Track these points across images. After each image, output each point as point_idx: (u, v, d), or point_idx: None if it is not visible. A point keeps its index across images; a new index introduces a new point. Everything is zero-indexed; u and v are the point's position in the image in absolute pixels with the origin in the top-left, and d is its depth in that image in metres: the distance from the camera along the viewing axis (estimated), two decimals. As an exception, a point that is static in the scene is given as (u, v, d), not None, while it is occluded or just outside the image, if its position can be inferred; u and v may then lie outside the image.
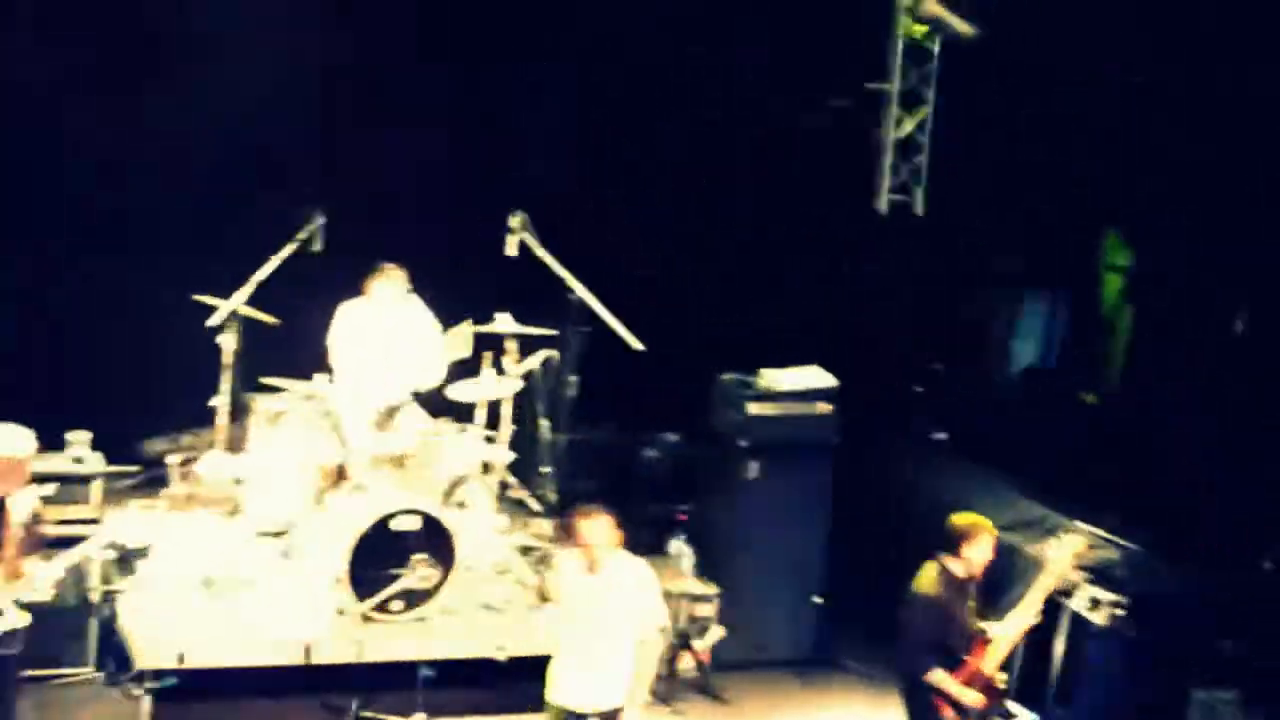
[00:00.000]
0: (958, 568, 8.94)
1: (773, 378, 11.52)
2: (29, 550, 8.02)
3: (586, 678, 8.48)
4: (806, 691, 11.33)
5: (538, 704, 8.68)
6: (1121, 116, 12.08)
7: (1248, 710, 9.54)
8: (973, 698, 8.88)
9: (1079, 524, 10.96)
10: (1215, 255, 11.53)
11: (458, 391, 11.08)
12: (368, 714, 9.95)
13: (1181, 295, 11.86)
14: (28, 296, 10.84)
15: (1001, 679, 9.16)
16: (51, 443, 10.17)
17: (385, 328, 11.04)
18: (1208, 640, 10.14)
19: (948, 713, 8.96)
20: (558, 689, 8.55)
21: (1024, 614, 9.05)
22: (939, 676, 8.85)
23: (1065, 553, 9.26)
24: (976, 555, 8.93)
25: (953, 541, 8.97)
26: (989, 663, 8.97)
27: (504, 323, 10.74)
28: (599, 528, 8.37)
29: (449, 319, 11.13)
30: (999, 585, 9.65)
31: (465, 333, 11.04)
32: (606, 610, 8.44)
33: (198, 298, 10.11)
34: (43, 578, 7.96)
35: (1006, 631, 9.02)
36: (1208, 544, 10.54)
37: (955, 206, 12.68)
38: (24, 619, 7.95)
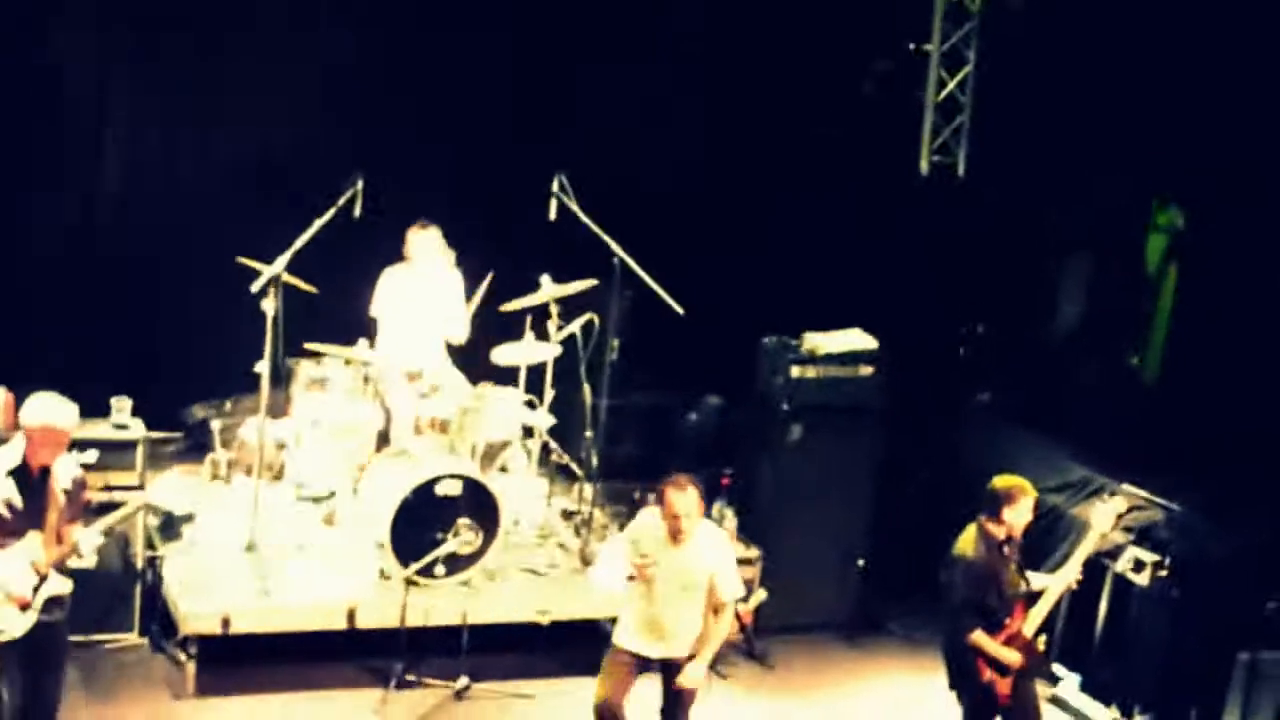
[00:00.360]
0: (998, 530, 8.95)
1: (815, 341, 11.46)
2: (72, 518, 7.98)
3: (656, 636, 8.63)
4: (850, 654, 11.36)
5: (581, 668, 8.70)
6: (1168, 75, 11.92)
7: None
8: (1012, 657, 8.89)
9: (1124, 486, 10.92)
10: (1263, 216, 11.36)
11: (501, 355, 11.05)
12: (411, 678, 10.01)
13: (1228, 256, 11.68)
14: (69, 263, 10.83)
15: (1041, 640, 9.16)
16: (94, 409, 10.20)
17: (425, 288, 11.04)
18: (1254, 602, 10.03)
19: (987, 673, 8.99)
20: (627, 637, 8.69)
21: (1065, 576, 9.08)
22: (979, 637, 8.86)
23: (1108, 516, 9.25)
24: (1017, 517, 8.94)
25: (993, 504, 8.96)
26: (1029, 624, 8.98)
27: (545, 287, 10.69)
28: (689, 499, 8.45)
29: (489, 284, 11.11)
30: (1042, 547, 9.59)
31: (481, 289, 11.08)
32: (686, 579, 8.56)
33: (241, 261, 10.05)
34: (86, 544, 7.95)
35: (1047, 594, 9.01)
36: (1255, 505, 10.39)
37: (998, 167, 12.52)
38: (67, 585, 7.94)
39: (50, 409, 7.94)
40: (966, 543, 9.06)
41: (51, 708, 8.13)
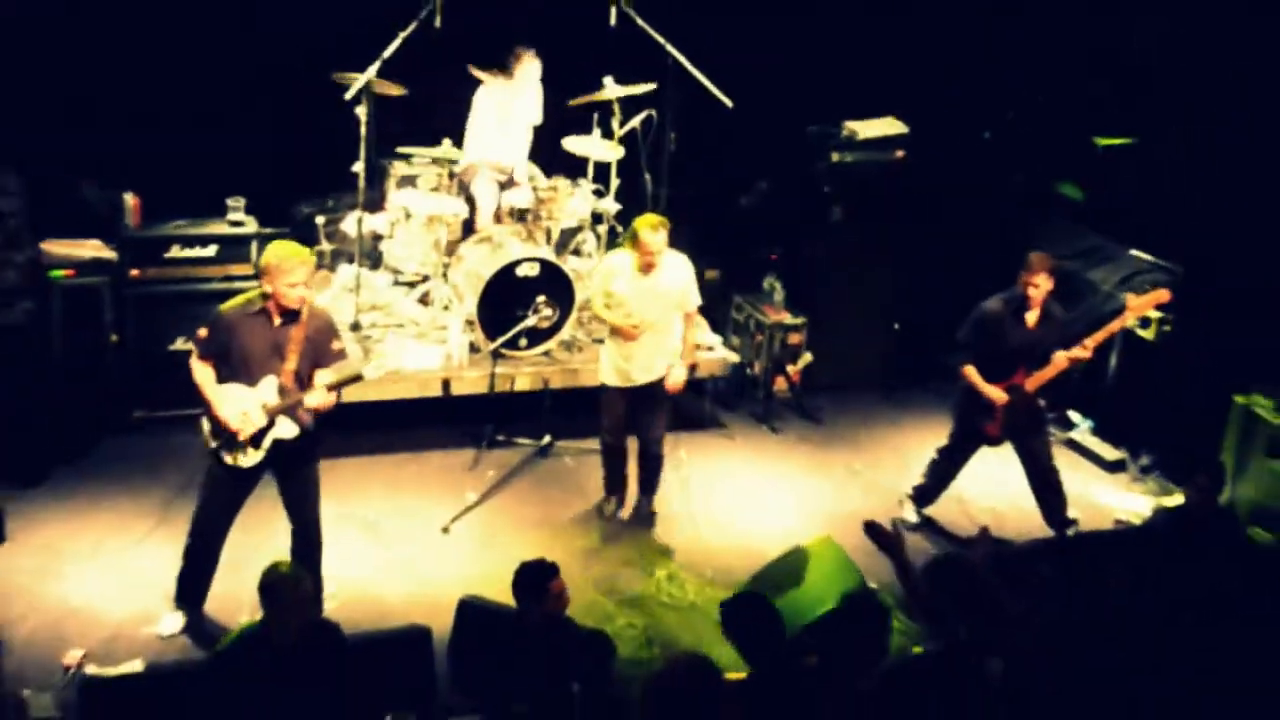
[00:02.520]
0: (1021, 290, 9.09)
1: (853, 128, 11.53)
2: (317, 363, 7.92)
3: (640, 367, 9.19)
4: (888, 408, 11.62)
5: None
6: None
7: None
8: (995, 394, 9.18)
9: (1131, 251, 11.02)
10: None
11: (571, 144, 11.14)
12: (500, 438, 10.33)
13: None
14: (191, 75, 10.86)
15: (1040, 400, 9.39)
16: (213, 208, 10.46)
17: (516, 99, 11.11)
18: (1251, 353, 10.20)
19: (977, 412, 9.32)
20: (614, 377, 9.29)
21: (1076, 352, 9.19)
22: (970, 370, 9.16)
23: (1145, 303, 9.37)
24: (1029, 286, 9.07)
25: (1022, 270, 9.10)
26: (1032, 380, 9.16)
27: (608, 87, 10.68)
28: (660, 239, 8.91)
29: (560, 86, 11.13)
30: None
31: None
32: (663, 300, 9.07)
33: (336, 76, 10.17)
34: (313, 399, 7.86)
35: (1056, 359, 9.20)
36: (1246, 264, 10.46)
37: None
38: (293, 431, 7.92)
39: (284, 252, 7.78)
40: (993, 298, 9.29)
41: (309, 527, 8.23)
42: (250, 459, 7.93)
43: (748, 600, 7.30)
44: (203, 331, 7.91)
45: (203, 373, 7.88)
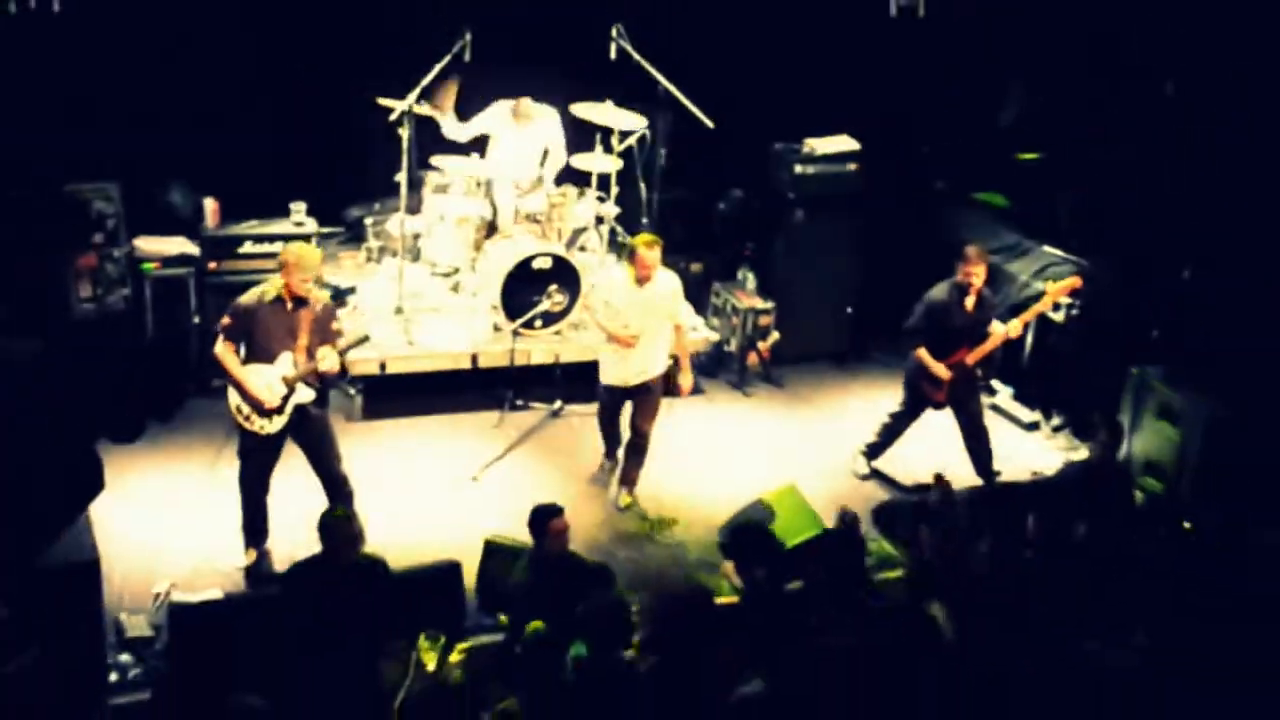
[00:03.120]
0: (962, 280, 9.01)
1: (813, 144, 11.42)
2: (323, 340, 7.91)
3: (637, 368, 8.87)
4: (842, 377, 11.48)
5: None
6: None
7: (1172, 382, 9.55)
8: (943, 372, 9.09)
9: (1044, 247, 10.94)
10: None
11: (578, 161, 11.04)
12: (519, 403, 10.26)
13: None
14: (261, 89, 10.80)
15: (979, 370, 9.32)
16: (279, 210, 10.38)
17: (527, 131, 11.03)
18: (1143, 331, 10.13)
19: (926, 385, 9.20)
20: (613, 376, 8.95)
21: (1009, 329, 9.17)
22: (921, 352, 9.09)
23: (1059, 289, 9.35)
24: (968, 276, 9.00)
25: (961, 261, 9.03)
26: (972, 356, 9.11)
27: (609, 110, 10.59)
28: (655, 255, 8.65)
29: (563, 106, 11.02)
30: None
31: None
32: (656, 309, 8.78)
33: (380, 101, 10.11)
34: (328, 362, 7.87)
35: (992, 337, 9.16)
36: (1141, 258, 10.39)
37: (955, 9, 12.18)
38: (311, 395, 7.94)
39: (303, 252, 7.85)
40: (938, 287, 9.21)
41: (335, 479, 8.16)
42: (275, 425, 7.90)
43: (746, 527, 7.26)
44: (226, 320, 7.86)
45: (229, 357, 7.82)
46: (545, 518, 7.09)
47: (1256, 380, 9.04)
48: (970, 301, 9.11)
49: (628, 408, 9.17)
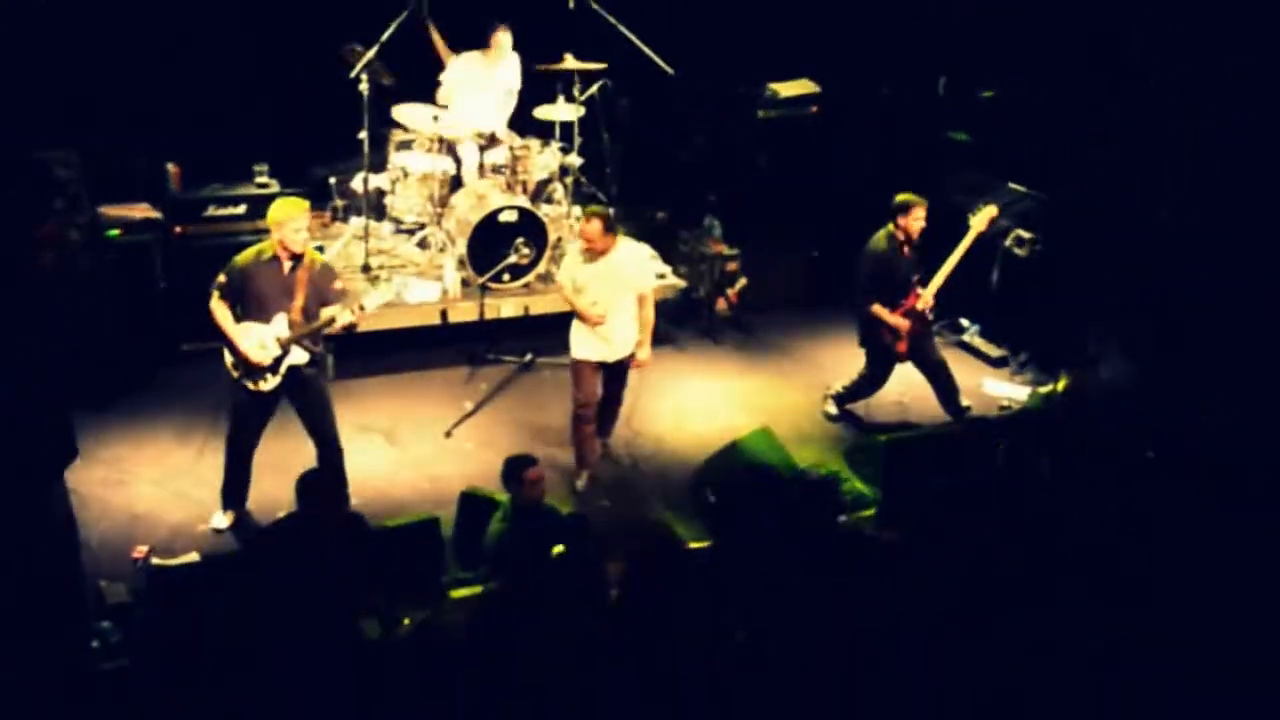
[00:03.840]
0: (899, 232, 9.09)
1: (774, 88, 11.43)
2: (323, 300, 7.89)
3: (604, 341, 8.60)
4: (807, 322, 11.49)
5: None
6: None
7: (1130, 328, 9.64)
8: (902, 323, 9.17)
9: (1009, 184, 10.96)
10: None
11: (541, 112, 10.99)
12: (491, 356, 10.27)
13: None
14: (223, 61, 10.72)
15: (931, 313, 9.37)
16: (241, 174, 10.32)
17: (492, 70, 10.89)
18: (1105, 266, 10.16)
19: (886, 336, 9.24)
20: (583, 349, 8.63)
21: (946, 269, 9.26)
22: (877, 308, 9.13)
23: (983, 219, 9.40)
24: (913, 222, 9.10)
25: (896, 212, 9.11)
26: (921, 301, 9.18)
27: (569, 60, 10.54)
28: (589, 227, 8.31)
29: (529, 58, 10.91)
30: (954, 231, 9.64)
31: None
32: (615, 283, 8.47)
33: (342, 55, 10.03)
34: (340, 319, 7.86)
35: (933, 280, 9.24)
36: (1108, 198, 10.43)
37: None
38: (305, 357, 7.92)
39: (283, 205, 7.82)
40: (877, 240, 9.25)
41: (327, 439, 8.17)
42: (269, 384, 7.90)
43: (721, 464, 7.30)
44: (221, 278, 7.86)
45: (222, 313, 7.83)
46: (520, 468, 7.15)
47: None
48: (908, 248, 9.20)
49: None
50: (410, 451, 9.18)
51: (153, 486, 8.57)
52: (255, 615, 6.37)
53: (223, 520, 8.22)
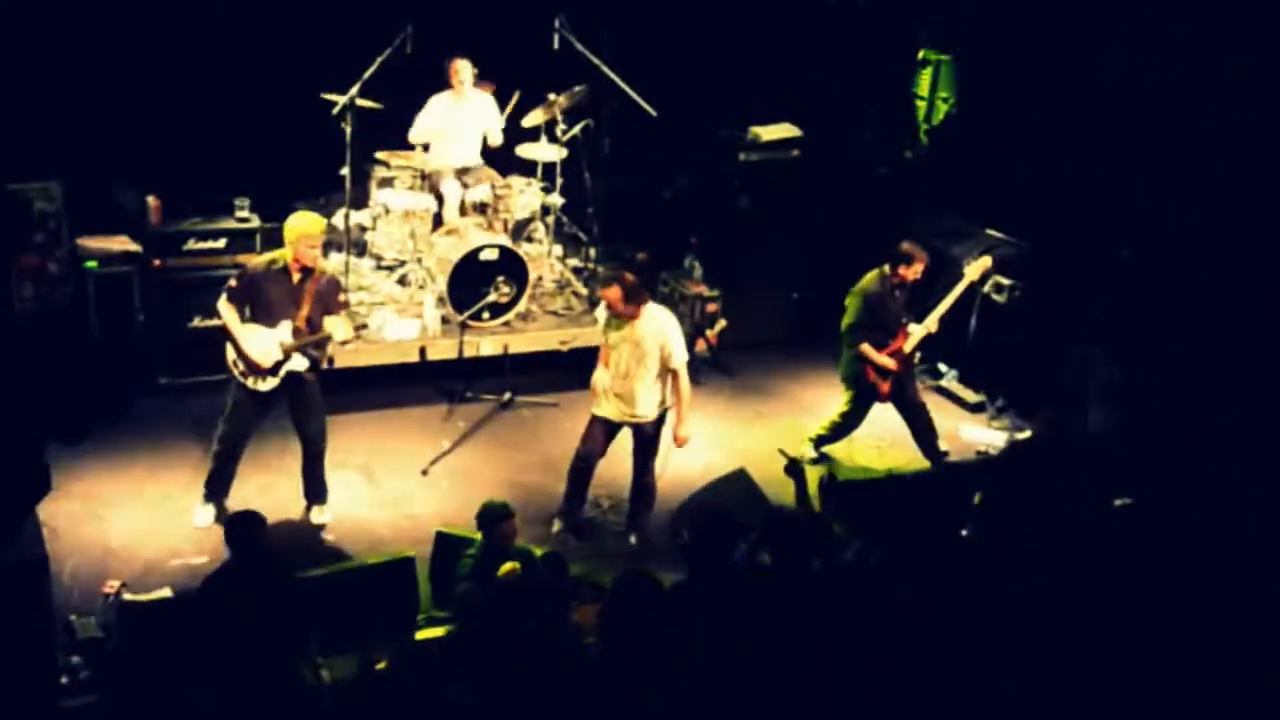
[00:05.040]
0: (894, 278, 9.12)
1: (756, 131, 11.48)
2: (326, 310, 8.17)
3: (623, 403, 8.43)
4: (788, 362, 11.51)
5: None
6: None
7: (1108, 360, 9.66)
8: (889, 363, 9.15)
9: (987, 230, 11.02)
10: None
11: (525, 151, 11.01)
12: (469, 394, 10.24)
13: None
14: (206, 92, 10.75)
15: (916, 356, 9.40)
16: (223, 207, 10.29)
17: (465, 106, 10.95)
18: (1083, 312, 10.22)
19: (872, 375, 9.26)
20: (599, 408, 8.52)
21: (937, 314, 9.32)
22: (865, 348, 9.15)
23: (976, 269, 9.49)
24: (911, 272, 9.11)
25: (897, 259, 9.12)
26: (909, 344, 9.20)
27: (552, 99, 10.63)
28: (609, 291, 8.19)
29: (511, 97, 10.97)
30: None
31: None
32: (637, 349, 8.26)
33: (324, 95, 10.04)
34: (339, 332, 8.19)
35: (924, 324, 9.27)
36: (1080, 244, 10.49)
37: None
38: (304, 364, 8.22)
39: (300, 218, 8.10)
40: (868, 280, 9.28)
41: (316, 444, 8.51)
42: (267, 385, 8.17)
43: (701, 511, 7.29)
44: (233, 281, 8.17)
45: (230, 313, 8.11)
46: (495, 519, 7.09)
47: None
48: (898, 292, 9.26)
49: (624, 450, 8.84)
50: (387, 488, 9.15)
51: (127, 520, 8.52)
52: (211, 658, 6.32)
53: (205, 515, 8.44)
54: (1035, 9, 11.11)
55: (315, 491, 8.67)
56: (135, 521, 8.52)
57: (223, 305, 8.15)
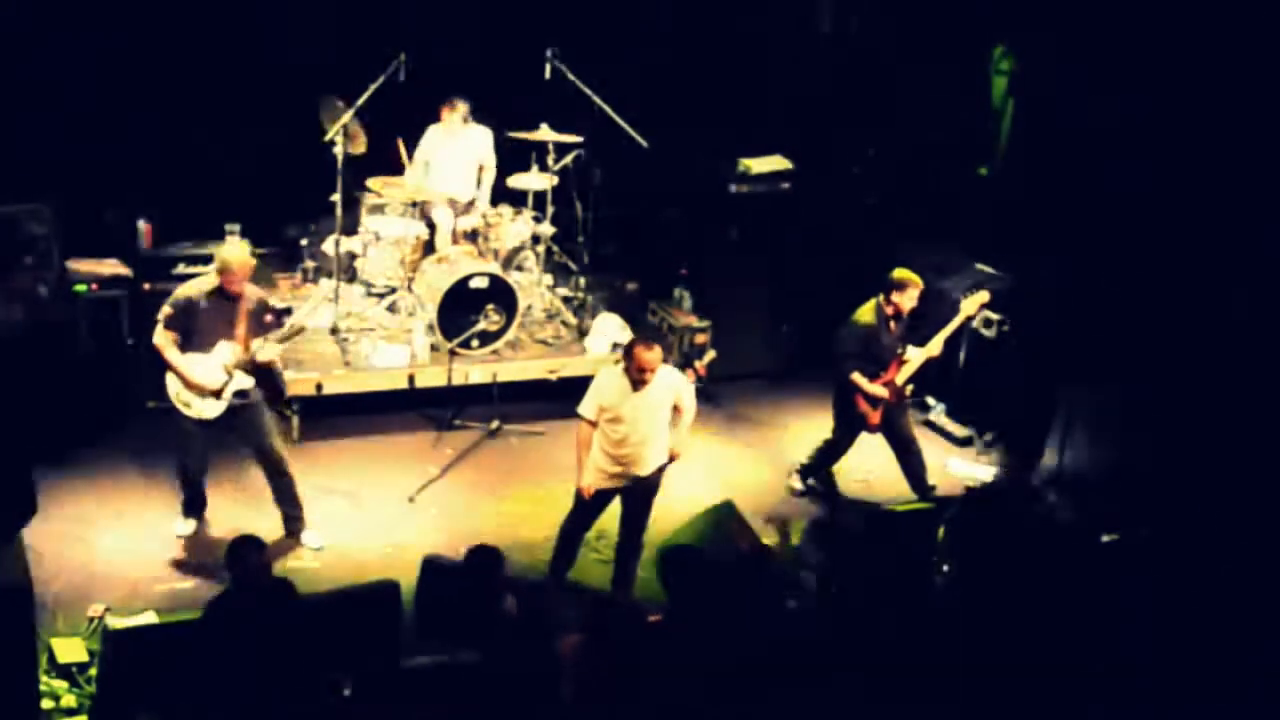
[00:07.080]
0: (889, 307, 9.12)
1: (747, 164, 11.50)
2: (255, 332, 8.22)
3: (635, 468, 8.15)
4: (776, 394, 11.48)
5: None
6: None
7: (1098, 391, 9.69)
8: (880, 393, 9.16)
9: (977, 265, 11.03)
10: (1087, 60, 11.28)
11: (515, 181, 11.04)
12: (457, 422, 10.23)
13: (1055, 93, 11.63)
14: (198, 122, 10.77)
15: (909, 388, 9.41)
16: (213, 232, 10.30)
17: (458, 139, 11.01)
18: (1074, 351, 10.24)
19: (863, 405, 9.25)
20: (599, 480, 8.12)
21: (930, 349, 9.32)
22: (856, 377, 9.13)
23: (973, 304, 9.49)
24: (905, 300, 9.11)
25: (891, 287, 9.12)
26: (901, 376, 9.21)
27: (544, 131, 10.66)
28: (655, 356, 7.85)
29: (502, 128, 11.02)
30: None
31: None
32: (654, 413, 8.11)
33: (324, 124, 10.09)
34: (264, 352, 8.21)
35: (917, 356, 9.28)
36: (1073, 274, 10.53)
37: (879, 29, 12.40)
38: (249, 381, 8.27)
39: (240, 251, 8.18)
40: (865, 311, 9.27)
41: (274, 458, 8.48)
42: (214, 409, 8.20)
43: (681, 551, 7.28)
44: (167, 310, 8.11)
45: (167, 344, 8.10)
46: (488, 568, 6.90)
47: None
48: (894, 324, 9.24)
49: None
50: (374, 515, 9.13)
51: (112, 544, 8.50)
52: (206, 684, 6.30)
53: (185, 527, 8.58)
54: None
55: (293, 515, 8.61)
56: (120, 544, 8.50)
57: (160, 337, 8.10)
